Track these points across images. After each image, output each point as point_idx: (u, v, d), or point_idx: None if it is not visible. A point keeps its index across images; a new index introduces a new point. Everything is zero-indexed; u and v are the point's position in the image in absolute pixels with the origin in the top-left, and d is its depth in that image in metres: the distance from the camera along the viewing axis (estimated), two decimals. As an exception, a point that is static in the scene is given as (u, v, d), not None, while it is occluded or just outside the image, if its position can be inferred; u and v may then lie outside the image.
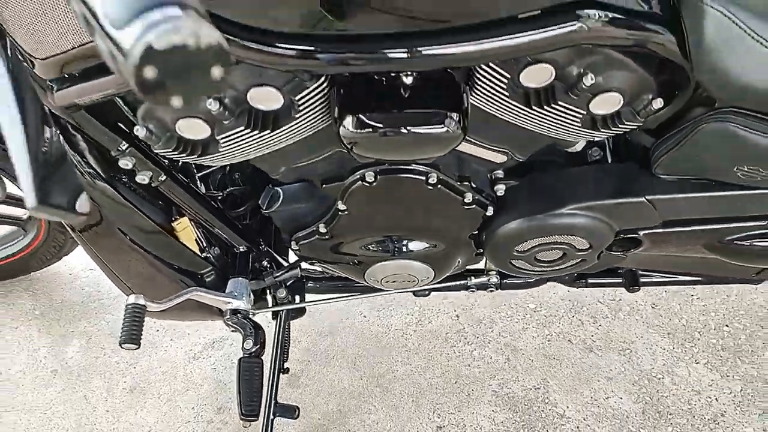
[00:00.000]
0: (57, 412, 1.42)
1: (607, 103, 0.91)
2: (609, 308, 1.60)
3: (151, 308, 1.09)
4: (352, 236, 1.12)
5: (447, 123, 0.83)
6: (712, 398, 1.40)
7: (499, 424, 1.38)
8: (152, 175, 1.04)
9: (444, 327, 1.56)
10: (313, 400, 1.43)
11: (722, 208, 1.08)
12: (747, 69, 0.84)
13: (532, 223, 1.09)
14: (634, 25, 0.82)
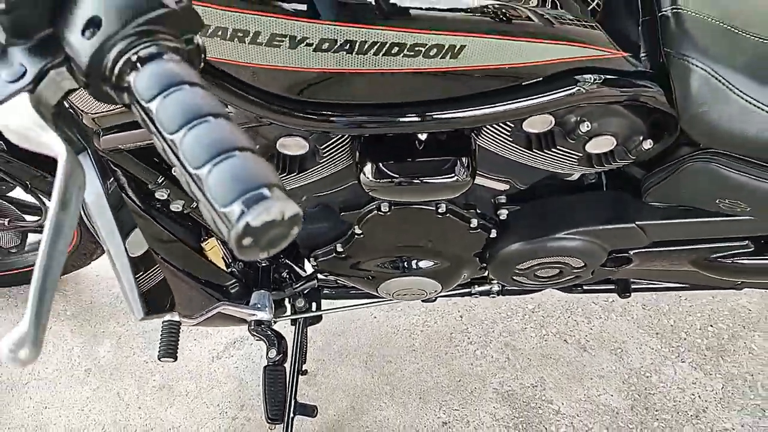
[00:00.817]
0: (93, 409, 1.52)
1: (602, 145, 0.99)
2: (602, 309, 1.68)
3: (185, 323, 1.18)
4: (367, 256, 1.20)
5: (457, 171, 0.91)
6: (695, 395, 1.50)
7: (500, 420, 1.48)
8: (184, 203, 1.12)
9: (448, 327, 1.65)
10: (328, 397, 1.52)
11: (706, 231, 1.16)
12: (727, 119, 0.91)
13: (532, 245, 1.17)
14: (626, 83, 0.89)
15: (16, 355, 0.41)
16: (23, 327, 0.42)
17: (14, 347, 0.41)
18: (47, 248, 0.44)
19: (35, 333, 0.42)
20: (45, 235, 0.44)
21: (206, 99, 0.41)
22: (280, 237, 0.38)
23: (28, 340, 0.41)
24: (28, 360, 0.41)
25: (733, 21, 0.92)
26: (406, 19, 0.72)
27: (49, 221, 0.44)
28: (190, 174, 0.39)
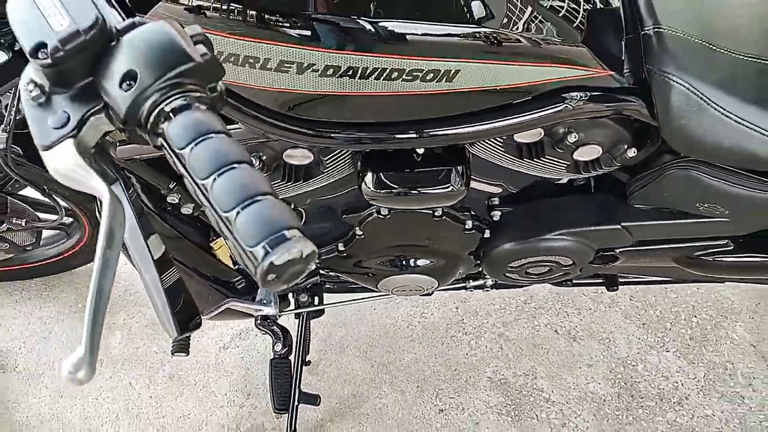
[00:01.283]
0: (107, 398, 1.58)
1: (588, 153, 1.04)
2: (592, 300, 1.75)
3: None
4: (367, 255, 1.26)
5: (452, 182, 0.96)
6: (678, 383, 1.57)
7: (493, 407, 1.54)
8: (194, 207, 1.17)
9: (444, 319, 1.72)
10: (330, 386, 1.58)
11: (687, 232, 1.22)
12: (704, 131, 0.96)
13: (524, 245, 1.22)
14: (611, 98, 0.94)
15: (75, 375, 0.47)
16: (80, 352, 0.47)
17: (73, 369, 0.47)
18: (97, 282, 0.49)
19: (90, 356, 0.48)
20: (95, 270, 0.50)
21: (231, 146, 0.47)
22: (299, 272, 0.44)
23: (85, 363, 0.47)
24: (85, 380, 0.47)
25: (712, 38, 0.97)
26: (405, 46, 0.77)
27: (98, 258, 0.50)
28: (219, 216, 0.45)
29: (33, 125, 0.51)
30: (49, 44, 0.48)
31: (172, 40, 0.49)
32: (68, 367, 0.48)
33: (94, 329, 0.49)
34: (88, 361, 0.48)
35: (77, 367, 0.48)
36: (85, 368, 0.48)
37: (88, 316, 0.49)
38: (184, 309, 0.61)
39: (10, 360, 1.66)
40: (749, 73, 0.96)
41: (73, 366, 0.48)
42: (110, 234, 0.50)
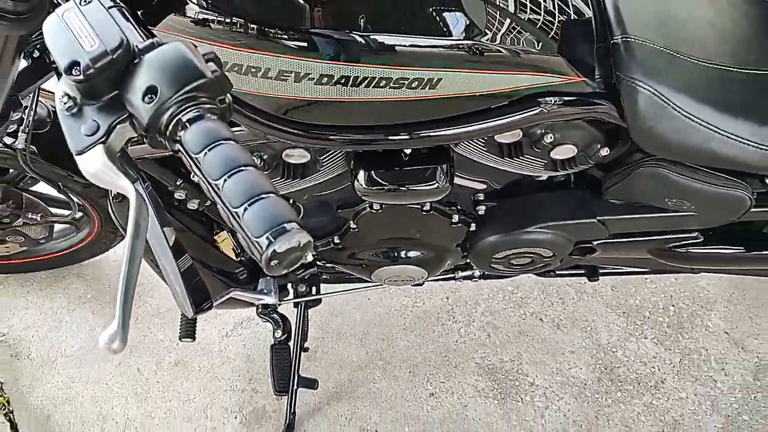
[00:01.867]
0: (116, 383, 1.66)
1: (564, 152, 1.11)
2: (575, 291, 1.82)
3: (202, 307, 1.31)
4: (361, 247, 1.33)
5: (437, 179, 1.04)
6: (655, 368, 1.64)
7: (481, 391, 1.62)
8: (199, 202, 1.24)
9: (435, 308, 1.79)
10: (327, 371, 1.66)
11: (658, 225, 1.29)
12: (669, 132, 1.03)
13: (507, 238, 1.29)
14: (583, 102, 1.01)
15: (110, 346, 0.55)
16: (114, 326, 0.55)
17: (108, 340, 0.55)
18: (127, 267, 0.57)
19: (123, 330, 0.56)
20: (124, 257, 0.57)
21: (239, 152, 0.54)
22: (297, 258, 0.52)
23: (118, 335, 0.55)
24: (119, 350, 0.55)
25: (675, 46, 1.04)
26: (391, 57, 0.84)
27: (127, 247, 0.57)
28: (229, 211, 0.52)
29: (67, 132, 0.58)
30: (82, 63, 0.56)
31: (187, 58, 0.57)
32: (104, 339, 0.55)
33: (125, 307, 0.57)
34: (120, 334, 0.56)
35: (112, 338, 0.55)
36: (118, 340, 0.55)
37: (120, 295, 0.57)
38: (198, 291, 0.68)
39: (23, 348, 1.74)
40: (709, 78, 1.04)
41: (108, 338, 0.55)
42: (137, 225, 0.58)
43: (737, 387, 1.61)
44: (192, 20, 0.85)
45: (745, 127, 1.02)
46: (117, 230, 1.72)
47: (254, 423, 1.58)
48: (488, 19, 0.93)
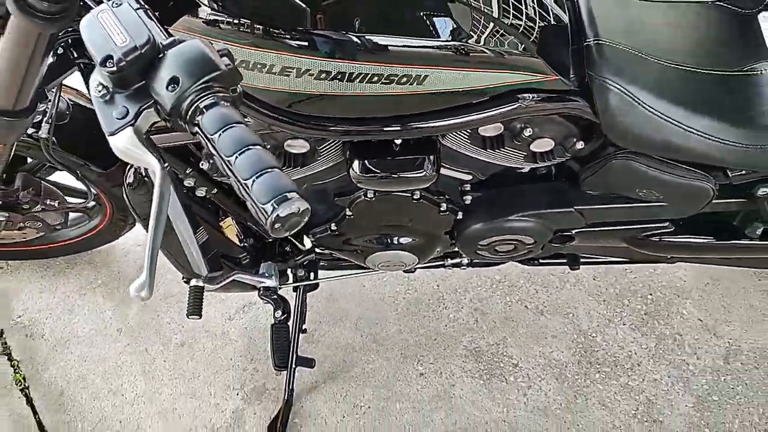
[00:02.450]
0: (125, 362, 1.74)
1: (543, 145, 1.20)
2: (559, 280, 1.91)
3: (208, 288, 1.40)
4: (356, 233, 1.41)
5: (425, 168, 1.13)
6: (632, 352, 1.73)
7: (468, 371, 1.71)
8: (207, 190, 1.33)
9: (427, 295, 1.88)
10: (324, 353, 1.75)
11: (631, 214, 1.38)
12: (637, 127, 1.11)
13: (491, 225, 1.37)
14: (559, 99, 1.10)
15: (139, 294, 0.63)
16: (142, 278, 0.64)
17: (137, 290, 0.64)
18: (153, 230, 0.65)
19: (150, 281, 0.64)
20: (151, 221, 0.66)
21: (248, 133, 0.63)
22: (297, 222, 0.61)
23: (146, 286, 0.64)
24: (146, 297, 0.64)
25: (643, 49, 1.13)
26: (383, 55, 0.93)
27: (153, 213, 0.66)
28: (239, 182, 0.61)
29: (101, 116, 0.67)
30: (115, 56, 0.65)
31: (205, 53, 0.65)
32: (134, 288, 0.64)
33: (152, 263, 0.65)
34: (147, 284, 0.64)
35: (141, 288, 0.64)
36: (146, 289, 0.64)
37: (147, 253, 0.65)
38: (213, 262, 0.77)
39: (38, 329, 1.82)
40: (673, 78, 1.12)
41: (137, 287, 0.64)
42: (161, 195, 0.66)
43: (708, 370, 1.69)
44: (203, 21, 0.94)
45: (706, 123, 1.11)
46: (127, 218, 1.81)
47: (255, 399, 1.66)
48: (473, 22, 1.01)
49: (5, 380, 1.70)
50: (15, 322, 1.84)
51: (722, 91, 1.13)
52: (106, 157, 1.50)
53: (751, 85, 1.14)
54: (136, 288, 0.65)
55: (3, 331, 1.81)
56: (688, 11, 1.21)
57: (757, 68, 1.14)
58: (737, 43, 1.17)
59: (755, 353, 1.72)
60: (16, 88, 1.02)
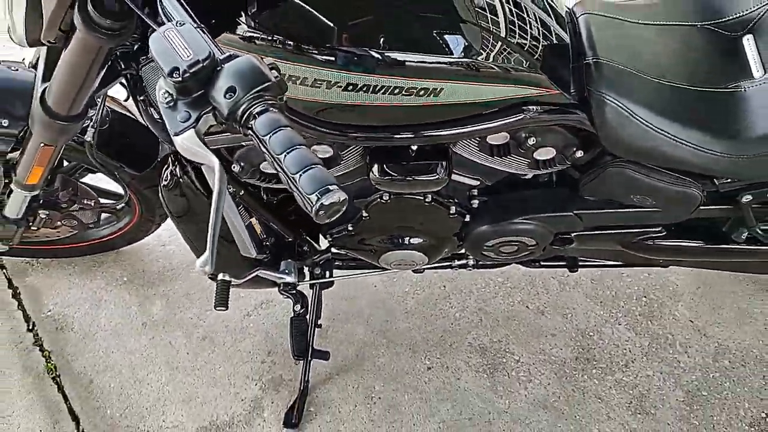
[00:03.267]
0: (150, 354, 1.83)
1: (545, 154, 1.28)
2: (558, 282, 2.00)
3: (234, 282, 1.49)
4: (371, 234, 1.50)
5: (438, 172, 1.22)
6: (626, 350, 1.82)
7: (472, 366, 1.79)
8: (235, 191, 1.42)
9: (434, 294, 1.96)
10: (337, 347, 1.83)
11: (626, 219, 1.46)
12: (632, 138, 1.19)
13: (496, 228, 1.45)
14: (560, 111, 1.19)
15: (203, 269, 0.73)
16: (206, 255, 0.73)
17: (202, 265, 0.73)
18: (214, 216, 0.75)
19: (212, 258, 0.74)
20: (212, 209, 0.75)
21: (295, 135, 0.72)
22: (337, 210, 0.70)
23: (209, 262, 0.73)
24: (209, 272, 0.73)
25: (637, 67, 1.22)
26: (404, 70, 1.02)
27: (214, 202, 0.75)
28: (288, 176, 0.71)
29: (167, 119, 0.76)
30: (180, 69, 0.74)
31: (257, 67, 0.75)
32: (200, 263, 0.73)
33: (213, 243, 0.75)
34: (210, 261, 0.74)
35: (205, 263, 0.73)
36: (209, 264, 0.73)
37: (210, 235, 0.75)
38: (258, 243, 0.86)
39: (67, 322, 1.91)
40: (665, 93, 1.21)
41: (201, 263, 0.73)
42: (220, 188, 0.76)
43: (698, 367, 1.78)
44: (240, 37, 1.04)
45: (695, 135, 1.20)
46: (154, 218, 1.90)
47: (272, 389, 1.75)
48: (483, 41, 1.11)
49: (38, 369, 1.79)
50: (46, 316, 1.92)
51: (709, 107, 1.22)
52: (139, 161, 1.59)
53: (735, 101, 1.23)
54: (201, 263, 0.74)
55: (35, 323, 1.90)
56: (678, 33, 1.30)
57: (741, 86, 1.23)
58: (723, 63, 1.26)
59: (742, 352, 1.80)
60: (73, 95, 1.12)
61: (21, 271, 2.04)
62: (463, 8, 1.08)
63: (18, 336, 1.87)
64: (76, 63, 1.03)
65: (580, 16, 1.26)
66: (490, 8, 1.12)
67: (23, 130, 1.36)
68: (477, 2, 1.11)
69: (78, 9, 0.92)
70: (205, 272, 0.75)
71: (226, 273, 1.50)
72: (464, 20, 1.08)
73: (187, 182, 1.37)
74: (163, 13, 0.85)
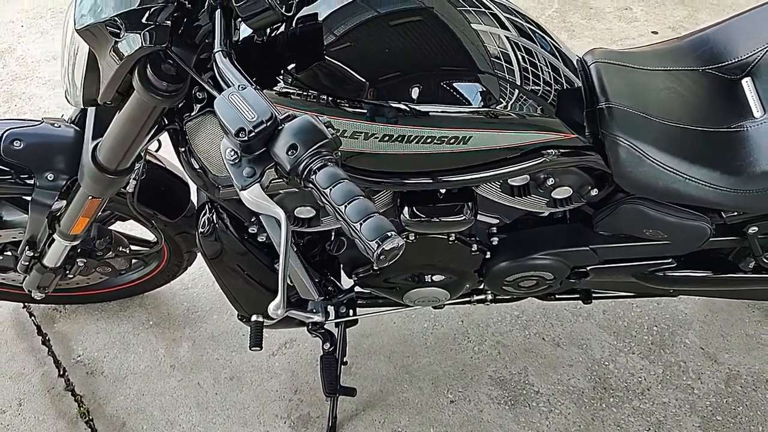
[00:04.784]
0: (180, 395, 1.86)
1: (562, 193, 1.35)
2: (572, 314, 2.04)
3: (266, 323, 1.54)
4: (396, 273, 1.56)
5: (465, 213, 1.28)
6: (641, 378, 1.86)
7: (494, 398, 1.83)
8: (267, 236, 1.48)
9: (452, 330, 2.01)
10: (362, 383, 1.86)
11: (639, 252, 1.52)
12: (644, 176, 1.26)
13: (516, 263, 1.51)
14: (576, 153, 1.26)
15: (276, 312, 0.78)
16: (278, 299, 0.79)
17: (275, 308, 0.78)
18: (283, 261, 0.80)
19: (283, 302, 0.79)
20: (281, 254, 0.81)
21: (354, 187, 0.79)
22: (395, 255, 0.76)
23: (281, 306, 0.79)
24: (282, 315, 0.79)
25: (646, 110, 1.29)
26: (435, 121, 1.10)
27: (282, 250, 0.81)
28: (350, 224, 0.77)
29: (234, 175, 0.82)
30: (246, 129, 0.81)
31: (315, 125, 0.82)
32: (272, 308, 0.79)
33: (283, 287, 0.80)
34: (282, 305, 0.79)
35: (277, 307, 0.79)
36: (281, 308, 0.79)
37: (281, 281, 0.80)
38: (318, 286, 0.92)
39: (97, 366, 1.94)
40: (673, 134, 1.28)
41: (274, 307, 0.79)
42: (287, 237, 0.81)
43: (711, 393, 1.82)
44: (277, 93, 1.10)
45: (702, 172, 1.27)
46: (182, 264, 1.95)
47: (301, 427, 1.77)
48: (501, 90, 1.18)
49: (71, 414, 1.81)
50: (76, 361, 1.96)
51: (715, 146, 1.29)
52: (172, 209, 1.65)
53: (738, 140, 1.30)
54: (274, 307, 0.79)
55: (66, 369, 1.93)
56: (682, 77, 1.38)
57: (743, 125, 1.31)
58: (725, 105, 1.34)
59: (753, 377, 1.85)
60: (124, 151, 1.18)
61: (49, 318, 2.08)
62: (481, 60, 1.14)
63: (50, 381, 1.90)
64: (132, 121, 1.09)
65: (591, 64, 1.34)
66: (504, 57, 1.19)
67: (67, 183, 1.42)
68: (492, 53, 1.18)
69: (138, 73, 0.99)
70: (278, 315, 0.80)
71: (259, 315, 1.56)
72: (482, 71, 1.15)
73: (222, 227, 1.43)
74: (220, 77, 0.92)
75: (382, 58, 1.12)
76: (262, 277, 1.53)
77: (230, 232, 1.44)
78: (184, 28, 1.03)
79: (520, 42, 1.22)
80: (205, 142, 1.19)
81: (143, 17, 0.97)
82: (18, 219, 1.68)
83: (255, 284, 1.56)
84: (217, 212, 1.42)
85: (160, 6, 0.98)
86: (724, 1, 3.26)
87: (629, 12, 3.25)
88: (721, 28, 1.42)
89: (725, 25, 1.42)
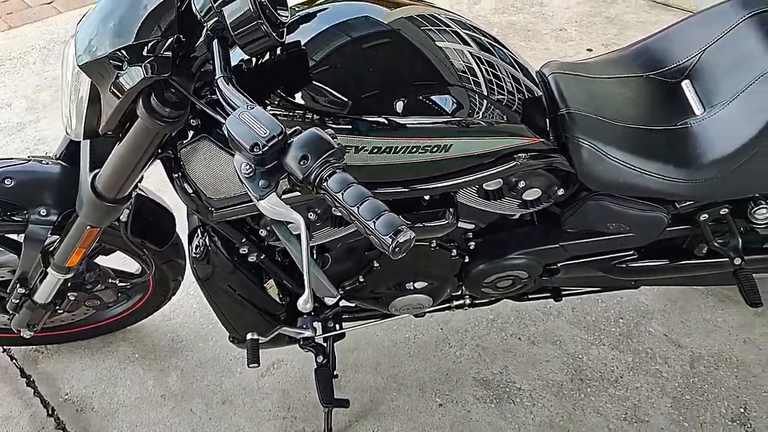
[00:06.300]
0: (174, 423, 1.85)
1: (532, 194, 1.44)
2: (543, 314, 2.13)
3: (261, 341, 1.58)
4: (381, 282, 1.62)
5: (447, 218, 1.37)
6: (614, 367, 1.96)
7: (480, 398, 1.90)
8: (257, 256, 1.52)
9: (433, 337, 2.07)
10: (352, 395, 1.89)
11: (605, 246, 1.63)
12: (605, 173, 1.37)
13: (492, 265, 1.59)
14: (543, 156, 1.37)
15: (305, 307, 0.84)
16: (306, 295, 0.85)
17: (303, 303, 0.84)
18: (306, 262, 0.86)
19: (311, 297, 0.85)
20: (303, 255, 0.87)
21: (363, 189, 0.86)
22: (408, 246, 0.83)
23: (309, 301, 0.85)
24: (310, 309, 0.84)
25: (603, 113, 1.40)
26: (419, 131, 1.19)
27: (303, 249, 0.87)
28: (364, 224, 0.84)
29: (250, 187, 0.88)
30: (260, 144, 0.87)
31: (323, 137, 0.89)
32: (301, 303, 0.85)
33: (309, 283, 0.86)
34: (310, 300, 0.85)
35: (305, 302, 0.85)
36: (309, 302, 0.85)
37: (306, 279, 0.86)
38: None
39: (87, 403, 1.92)
40: (629, 134, 1.40)
41: (303, 302, 0.85)
42: (307, 242, 0.88)
43: (678, 375, 1.93)
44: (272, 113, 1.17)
45: (656, 166, 1.38)
46: (167, 294, 1.96)
47: (297, 442, 1.80)
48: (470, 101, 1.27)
49: (64, 452, 1.80)
50: (64, 400, 1.93)
51: (665, 142, 1.42)
52: (158, 238, 1.68)
53: (685, 135, 1.42)
54: (303, 301, 0.85)
55: (54, 408, 1.91)
56: (630, 83, 1.51)
57: (687, 123, 1.43)
58: (670, 105, 1.47)
59: (714, 357, 1.97)
60: (124, 179, 1.23)
61: (31, 360, 2.05)
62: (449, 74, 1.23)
63: (39, 422, 1.87)
64: (134, 148, 1.14)
65: (549, 75, 1.46)
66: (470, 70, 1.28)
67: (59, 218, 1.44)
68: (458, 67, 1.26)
69: (142, 101, 1.05)
70: (307, 309, 0.86)
71: (254, 332, 1.60)
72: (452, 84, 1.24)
73: (215, 250, 1.48)
74: (224, 101, 0.98)
75: (364, 78, 1.20)
76: (254, 297, 1.57)
77: (222, 254, 1.48)
78: (180, 58, 1.09)
79: (482, 56, 1.32)
80: (199, 166, 1.24)
81: (143, 50, 1.03)
82: (2, 259, 1.68)
83: (248, 304, 1.60)
84: (209, 235, 1.47)
85: (157, 39, 1.04)
86: (649, 18, 3.51)
87: (564, 32, 3.45)
88: (661, 37, 1.56)
89: (664, 34, 1.56)
